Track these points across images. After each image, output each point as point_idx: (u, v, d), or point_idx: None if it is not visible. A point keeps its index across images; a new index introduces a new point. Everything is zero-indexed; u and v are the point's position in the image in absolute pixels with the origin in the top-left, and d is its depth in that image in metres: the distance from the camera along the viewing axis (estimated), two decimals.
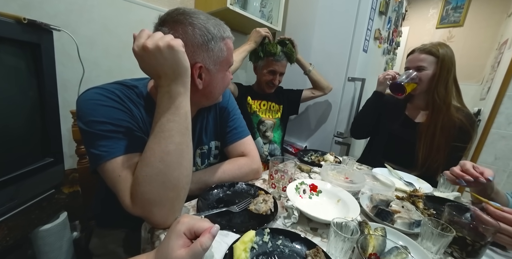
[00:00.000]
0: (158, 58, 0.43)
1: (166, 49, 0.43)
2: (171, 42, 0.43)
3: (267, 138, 1.31)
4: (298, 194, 0.64)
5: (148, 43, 0.42)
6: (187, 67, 0.46)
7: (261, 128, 1.30)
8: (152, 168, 0.44)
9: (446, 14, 2.77)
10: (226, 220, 0.53)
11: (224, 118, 0.77)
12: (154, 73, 0.46)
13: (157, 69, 0.45)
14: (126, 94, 0.56)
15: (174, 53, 0.43)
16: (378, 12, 1.41)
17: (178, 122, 0.45)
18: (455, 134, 0.95)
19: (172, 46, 0.43)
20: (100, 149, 0.48)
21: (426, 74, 0.97)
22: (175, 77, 0.45)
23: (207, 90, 0.60)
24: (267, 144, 1.32)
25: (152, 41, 0.43)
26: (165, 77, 0.45)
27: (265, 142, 1.32)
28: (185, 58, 0.45)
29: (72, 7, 0.89)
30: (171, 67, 0.44)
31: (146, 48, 0.42)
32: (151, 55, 0.43)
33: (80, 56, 0.81)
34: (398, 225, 0.54)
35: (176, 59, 0.44)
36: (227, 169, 0.70)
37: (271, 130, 1.32)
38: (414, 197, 0.68)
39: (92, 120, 0.49)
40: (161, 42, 0.42)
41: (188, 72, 0.46)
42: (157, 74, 0.45)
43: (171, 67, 0.44)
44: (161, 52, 0.42)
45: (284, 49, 1.19)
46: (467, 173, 0.64)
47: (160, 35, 0.44)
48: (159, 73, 0.45)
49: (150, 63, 0.44)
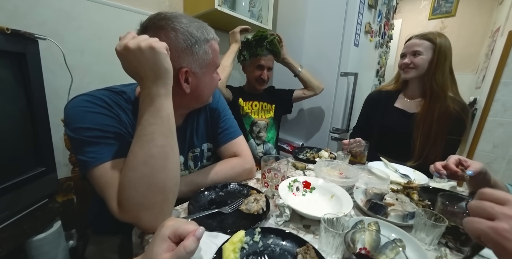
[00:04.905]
0: (139, 59, 0.43)
1: (148, 50, 0.42)
2: (154, 44, 0.43)
3: (260, 138, 1.30)
4: (291, 191, 0.64)
5: (130, 43, 0.42)
6: (168, 69, 0.45)
7: (254, 130, 1.28)
8: (136, 171, 0.43)
9: (438, 5, 2.77)
10: (217, 221, 0.52)
11: (215, 120, 0.77)
12: (136, 74, 0.46)
13: (138, 70, 0.44)
14: (114, 100, 0.55)
15: (156, 55, 0.43)
16: (367, 6, 1.41)
17: (160, 125, 0.45)
18: (451, 124, 0.95)
19: (154, 47, 0.43)
20: (88, 155, 0.48)
21: (422, 59, 0.96)
22: (156, 79, 0.44)
23: (195, 94, 0.60)
24: (261, 145, 1.31)
25: (134, 41, 0.43)
26: (146, 79, 0.45)
27: (258, 143, 1.30)
28: (166, 60, 0.45)
29: (59, 15, 0.89)
30: (152, 68, 0.44)
31: (128, 48, 0.42)
32: (132, 55, 0.43)
33: (67, 64, 0.81)
34: (392, 218, 0.54)
35: (157, 60, 0.44)
36: (220, 170, 0.69)
37: (264, 130, 1.31)
38: (409, 188, 0.67)
39: (79, 127, 0.49)
40: (143, 43, 0.42)
41: (169, 74, 0.46)
42: (138, 76, 0.45)
43: (152, 69, 0.44)
44: (142, 52, 0.42)
45: (268, 45, 1.19)
46: (446, 167, 0.65)
47: (145, 37, 0.44)
48: (141, 75, 0.45)
49: (132, 63, 0.44)
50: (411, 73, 1.00)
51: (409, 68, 1.00)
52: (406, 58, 1.01)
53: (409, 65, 0.99)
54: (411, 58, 0.99)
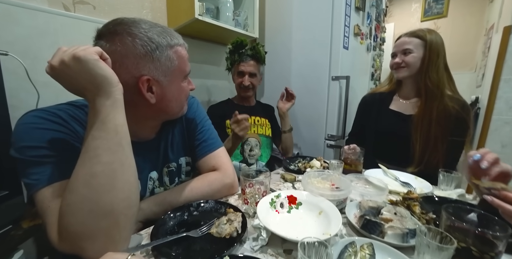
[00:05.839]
0: (69, 73, 0.38)
1: (72, 61, 0.38)
2: (78, 53, 0.38)
3: (253, 157, 1.18)
4: (274, 208, 0.56)
5: (53, 61, 0.38)
6: (105, 76, 0.40)
7: (245, 149, 1.18)
8: (76, 194, 0.37)
9: (429, 7, 2.77)
10: (183, 247, 0.45)
11: (191, 131, 0.71)
12: (76, 90, 0.41)
13: (75, 85, 0.40)
14: (72, 114, 0.50)
15: (83, 64, 0.38)
16: (354, 8, 1.39)
17: (106, 139, 0.39)
18: (452, 124, 0.87)
19: (78, 57, 0.38)
20: (32, 177, 0.42)
21: (413, 57, 0.91)
22: (96, 89, 0.39)
23: (163, 104, 0.55)
24: (253, 165, 1.19)
25: (57, 57, 0.38)
26: (88, 92, 0.40)
27: (251, 163, 1.18)
28: (99, 66, 0.39)
29: (32, 32, 0.87)
30: (87, 79, 0.39)
31: (53, 67, 0.38)
32: (61, 72, 0.38)
33: (31, 80, 0.78)
34: (389, 238, 0.46)
35: (88, 69, 0.38)
36: (195, 187, 0.62)
37: (257, 147, 1.20)
38: (409, 200, 0.59)
39: (23, 146, 0.43)
40: (66, 55, 0.38)
41: (109, 81, 0.40)
42: (78, 92, 0.41)
43: (88, 80, 0.39)
44: (68, 66, 0.38)
45: (248, 51, 1.16)
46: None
47: (64, 49, 0.39)
48: (80, 90, 0.40)
49: (66, 81, 0.40)
50: (403, 72, 0.94)
51: (401, 68, 0.95)
52: (397, 58, 0.95)
53: (401, 64, 0.94)
54: (402, 57, 0.94)
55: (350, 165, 0.85)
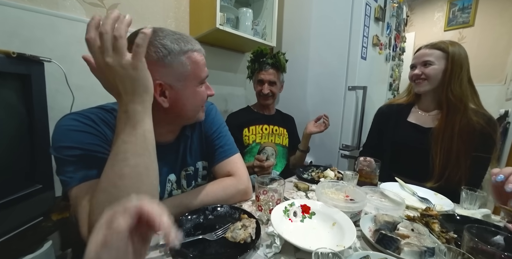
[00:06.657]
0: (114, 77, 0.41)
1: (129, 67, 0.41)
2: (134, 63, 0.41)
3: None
4: (287, 217, 0.57)
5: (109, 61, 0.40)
6: (147, 86, 0.43)
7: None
8: (105, 193, 0.40)
9: (453, 16, 2.68)
10: (199, 250, 0.46)
11: (209, 137, 0.74)
12: (112, 91, 0.44)
13: (115, 87, 0.43)
14: (102, 118, 0.54)
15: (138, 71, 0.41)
16: (373, 19, 1.38)
17: (134, 143, 0.42)
18: (476, 140, 0.83)
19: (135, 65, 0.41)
20: (67, 175, 0.47)
21: (434, 69, 0.89)
22: (133, 96, 0.42)
23: (177, 108, 0.57)
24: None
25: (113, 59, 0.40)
26: (125, 96, 0.43)
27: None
28: (147, 77, 0.43)
29: (71, 39, 0.96)
30: (129, 84, 0.42)
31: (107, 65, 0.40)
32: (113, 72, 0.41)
33: (69, 84, 0.85)
34: (406, 255, 0.45)
35: (137, 77, 0.42)
36: (210, 191, 0.64)
37: (273, 157, 1.20)
38: (428, 217, 0.57)
39: (60, 146, 0.48)
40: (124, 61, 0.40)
41: (149, 90, 0.44)
42: (114, 93, 0.44)
43: (130, 86, 0.42)
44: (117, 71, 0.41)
45: (268, 60, 1.17)
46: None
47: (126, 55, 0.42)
48: (117, 92, 0.43)
49: (108, 82, 0.43)
50: (425, 86, 0.92)
51: (421, 80, 0.92)
52: (417, 69, 0.94)
53: (420, 76, 0.92)
54: (421, 69, 0.92)
55: (365, 177, 0.83)
